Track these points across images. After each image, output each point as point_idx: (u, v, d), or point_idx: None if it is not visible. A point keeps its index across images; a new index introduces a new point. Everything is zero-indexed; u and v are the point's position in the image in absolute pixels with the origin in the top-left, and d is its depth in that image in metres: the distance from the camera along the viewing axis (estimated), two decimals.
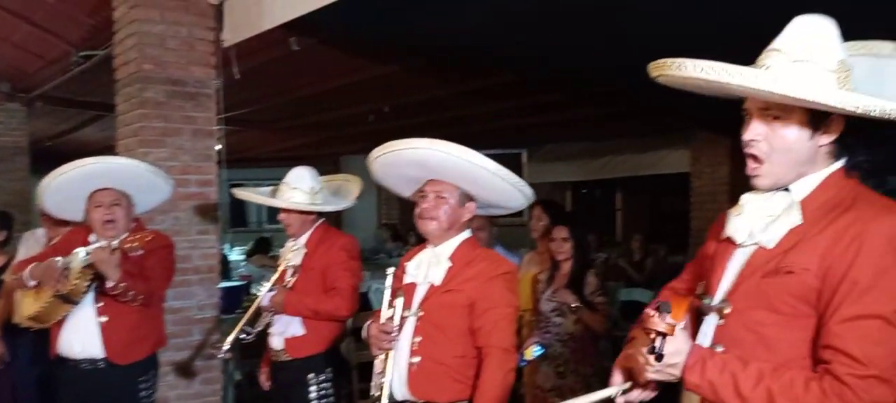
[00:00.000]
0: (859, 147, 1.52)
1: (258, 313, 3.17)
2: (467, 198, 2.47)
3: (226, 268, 7.22)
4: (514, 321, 2.46)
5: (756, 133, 1.50)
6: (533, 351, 3.65)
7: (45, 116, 8.28)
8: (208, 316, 4.38)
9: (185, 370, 4.24)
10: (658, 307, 1.42)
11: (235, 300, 5.42)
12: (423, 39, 4.57)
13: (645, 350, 1.45)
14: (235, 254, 10.48)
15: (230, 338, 3.07)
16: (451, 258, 2.45)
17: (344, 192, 3.47)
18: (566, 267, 3.82)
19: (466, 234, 2.52)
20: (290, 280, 3.18)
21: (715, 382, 1.43)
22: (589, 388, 3.74)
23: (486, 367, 2.32)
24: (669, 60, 1.48)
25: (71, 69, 6.12)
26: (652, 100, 5.83)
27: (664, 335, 1.42)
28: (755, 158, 1.52)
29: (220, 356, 3.10)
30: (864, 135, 1.51)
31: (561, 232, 3.82)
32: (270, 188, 3.42)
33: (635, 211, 11.76)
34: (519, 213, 2.86)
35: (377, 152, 2.43)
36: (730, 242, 1.61)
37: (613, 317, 5.32)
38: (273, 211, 3.31)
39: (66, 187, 3.18)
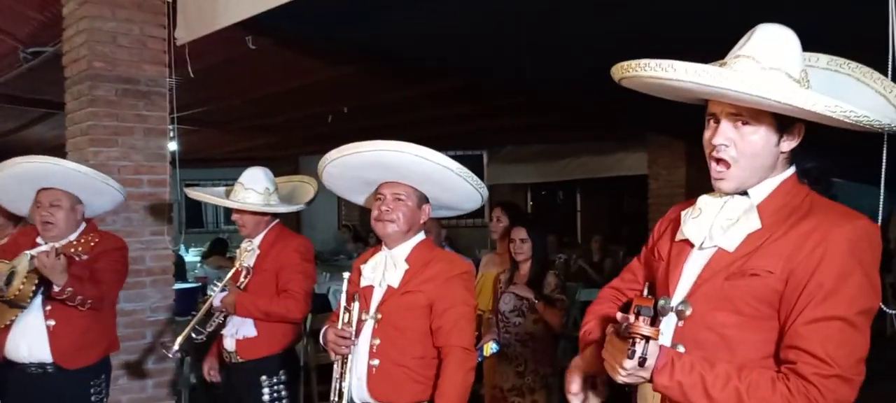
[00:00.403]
0: (808, 154, 1.56)
1: (210, 313, 3.12)
2: (424, 199, 2.47)
3: (181, 270, 7.08)
4: (473, 320, 2.47)
5: (726, 138, 1.51)
6: (490, 347, 3.68)
7: None
8: (162, 318, 4.29)
9: (136, 370, 4.15)
10: (638, 310, 1.41)
11: (191, 301, 5.29)
12: (376, 43, 4.56)
13: (626, 355, 1.41)
14: (191, 255, 10.30)
15: (180, 338, 3.01)
16: (408, 260, 2.45)
17: (300, 193, 3.43)
18: (525, 267, 3.84)
19: (421, 236, 2.53)
20: (243, 280, 3.13)
21: (684, 383, 1.44)
22: (548, 388, 3.77)
23: (446, 367, 2.34)
24: (637, 62, 1.48)
25: (19, 66, 5.95)
26: (608, 104, 5.90)
27: (648, 339, 1.40)
28: (722, 162, 1.54)
29: (170, 355, 3.04)
30: (813, 143, 1.54)
31: (520, 233, 3.84)
32: (225, 188, 3.36)
33: (595, 213, 11.89)
34: (479, 215, 2.87)
35: (334, 155, 2.40)
36: (686, 243, 1.62)
37: (573, 317, 5.36)
38: (230, 212, 3.25)
39: (9, 186, 3.13)
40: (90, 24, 4.07)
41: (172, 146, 4.46)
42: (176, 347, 3.00)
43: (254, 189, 3.17)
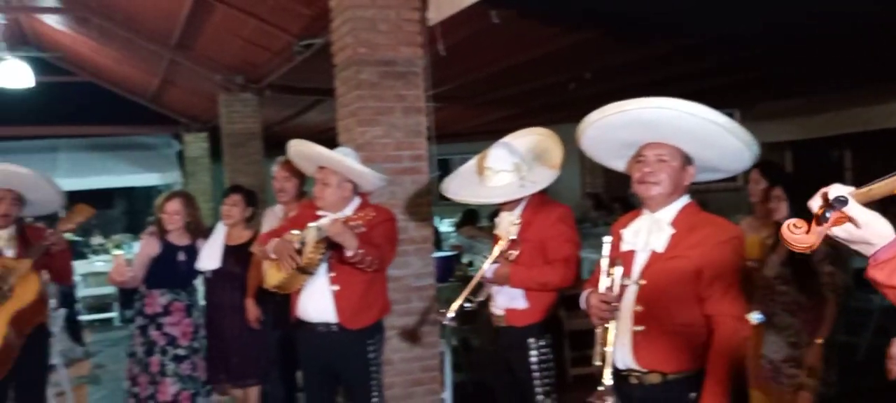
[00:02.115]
0: None
1: (480, 284, 3.23)
2: (688, 160, 2.36)
3: (437, 239, 7.52)
4: (743, 288, 2.32)
5: None
6: (753, 317, 3.46)
7: (273, 103, 9.06)
8: (425, 284, 4.57)
9: (411, 335, 4.46)
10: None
11: (448, 269, 5.61)
12: (615, 6, 4.43)
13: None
14: (445, 226, 10.87)
15: (454, 306, 3.11)
16: (673, 223, 2.35)
17: (547, 155, 3.37)
18: None
19: (686, 199, 2.41)
20: (512, 253, 3.17)
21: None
22: (827, 361, 3.46)
23: (718, 336, 2.23)
24: None
25: (293, 58, 6.64)
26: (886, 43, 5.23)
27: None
28: None
29: (444, 322, 3.20)
30: None
31: (779, 194, 3.57)
32: (478, 156, 3.42)
33: (867, 171, 10.54)
34: (731, 178, 2.69)
35: (595, 116, 2.33)
36: None
37: (846, 286, 4.83)
38: None
39: (304, 155, 3.63)
40: (354, 13, 4.40)
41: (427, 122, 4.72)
42: (451, 314, 3.10)
43: (505, 170, 3.17)
